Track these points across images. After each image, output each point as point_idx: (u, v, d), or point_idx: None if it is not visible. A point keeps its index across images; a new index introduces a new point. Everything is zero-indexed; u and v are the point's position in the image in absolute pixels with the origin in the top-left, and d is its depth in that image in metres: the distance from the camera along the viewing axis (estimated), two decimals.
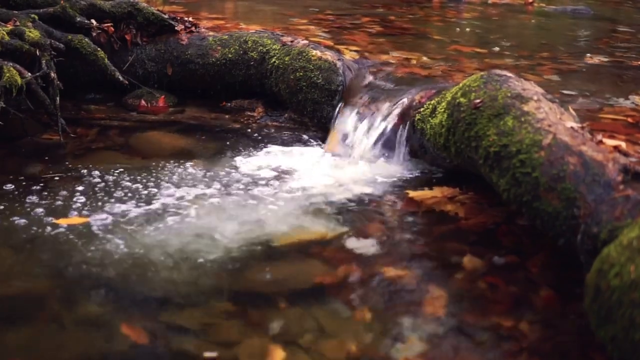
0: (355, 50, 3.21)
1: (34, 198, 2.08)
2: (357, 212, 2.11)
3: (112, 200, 2.10)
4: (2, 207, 2.02)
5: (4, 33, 2.62)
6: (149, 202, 2.09)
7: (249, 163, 2.46)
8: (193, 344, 1.47)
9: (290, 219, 2.05)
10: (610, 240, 1.41)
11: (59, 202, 2.06)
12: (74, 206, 2.04)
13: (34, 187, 2.16)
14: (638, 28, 4.99)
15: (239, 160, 2.49)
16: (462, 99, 2.04)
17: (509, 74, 2.08)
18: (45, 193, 2.12)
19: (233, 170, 2.38)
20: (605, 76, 3.27)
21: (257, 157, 2.53)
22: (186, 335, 1.50)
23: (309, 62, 2.80)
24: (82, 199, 2.09)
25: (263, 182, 2.29)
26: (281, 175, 2.36)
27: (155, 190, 2.18)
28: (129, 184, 2.22)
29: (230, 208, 2.10)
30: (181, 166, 2.40)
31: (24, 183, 2.20)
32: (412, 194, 2.21)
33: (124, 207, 2.05)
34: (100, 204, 2.07)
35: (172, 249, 1.83)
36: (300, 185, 2.27)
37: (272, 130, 2.84)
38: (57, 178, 2.25)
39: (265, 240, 1.91)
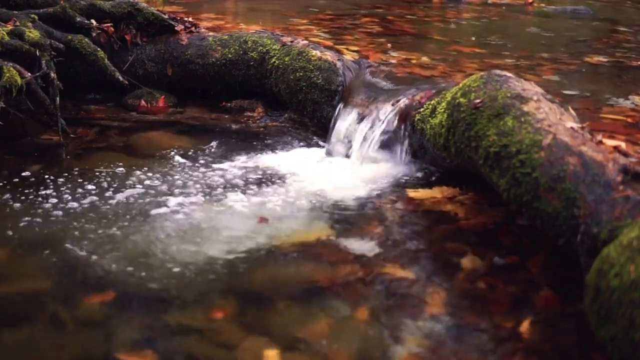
0: (355, 50, 3.21)
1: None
2: (357, 213, 2.11)
3: (103, 201, 2.10)
4: None
5: (4, 33, 2.62)
6: (145, 201, 2.09)
7: (248, 163, 2.46)
8: (193, 345, 1.47)
9: (290, 219, 2.05)
10: (610, 240, 1.41)
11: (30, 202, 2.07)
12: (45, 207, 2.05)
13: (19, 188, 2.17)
14: (638, 28, 4.99)
15: (238, 160, 2.48)
16: (462, 99, 2.04)
17: (509, 74, 2.08)
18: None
19: (233, 171, 2.38)
20: (605, 76, 3.27)
21: (257, 157, 2.53)
22: (186, 335, 1.50)
23: (309, 62, 2.80)
24: (56, 200, 2.10)
25: (263, 182, 2.29)
26: (281, 175, 2.36)
27: (154, 190, 2.18)
28: (126, 183, 2.22)
29: (229, 208, 2.09)
30: (181, 166, 2.40)
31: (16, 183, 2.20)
32: (412, 194, 2.21)
33: (113, 206, 2.06)
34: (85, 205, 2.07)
35: (169, 249, 1.83)
36: (300, 186, 2.27)
37: (272, 131, 2.84)
38: (52, 178, 2.25)
39: (265, 240, 1.90)
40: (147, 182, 2.25)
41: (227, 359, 1.43)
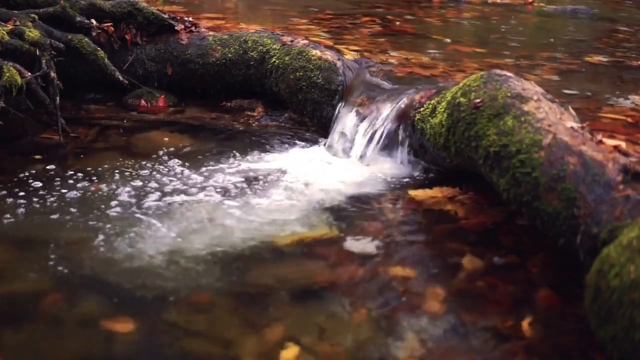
0: (355, 50, 3.21)
1: None
2: (357, 212, 2.11)
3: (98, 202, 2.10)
4: None
5: (4, 33, 2.62)
6: (145, 200, 2.10)
7: (248, 163, 2.46)
8: (193, 343, 1.47)
9: (290, 218, 2.05)
10: (610, 240, 1.41)
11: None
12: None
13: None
14: (638, 28, 4.99)
15: (238, 160, 2.49)
16: (462, 99, 2.04)
17: (509, 74, 2.08)
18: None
19: (233, 170, 2.38)
20: (605, 76, 3.26)
21: (257, 157, 2.53)
22: (187, 334, 1.50)
23: (309, 62, 2.80)
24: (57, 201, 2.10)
25: (263, 181, 2.29)
26: (281, 175, 2.36)
27: (155, 189, 2.18)
28: (126, 183, 2.22)
29: (230, 208, 2.09)
30: (181, 166, 2.40)
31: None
32: (412, 193, 2.21)
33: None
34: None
35: (170, 246, 1.83)
36: (300, 185, 2.27)
37: (272, 130, 2.84)
38: (52, 177, 2.25)
39: (265, 240, 1.91)
40: (148, 181, 2.25)
41: (228, 358, 1.43)
